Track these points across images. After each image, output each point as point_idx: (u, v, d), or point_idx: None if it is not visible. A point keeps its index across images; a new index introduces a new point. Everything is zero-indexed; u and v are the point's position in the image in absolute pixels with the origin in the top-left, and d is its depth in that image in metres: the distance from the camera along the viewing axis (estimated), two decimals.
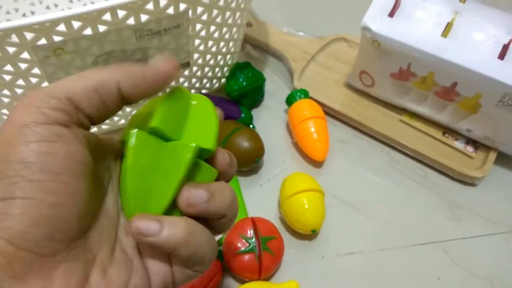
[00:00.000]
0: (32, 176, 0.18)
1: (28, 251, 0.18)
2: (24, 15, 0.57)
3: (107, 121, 0.50)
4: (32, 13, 0.58)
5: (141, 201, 0.23)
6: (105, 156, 0.23)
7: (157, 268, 0.23)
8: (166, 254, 0.23)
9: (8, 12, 0.57)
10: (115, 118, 0.50)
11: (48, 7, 0.58)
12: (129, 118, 0.26)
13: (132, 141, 0.22)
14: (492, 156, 0.50)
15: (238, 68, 0.53)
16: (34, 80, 0.40)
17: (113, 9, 0.36)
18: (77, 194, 0.19)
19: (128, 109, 0.50)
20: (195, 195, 0.23)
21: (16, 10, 0.57)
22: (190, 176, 0.24)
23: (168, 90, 0.24)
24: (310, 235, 0.46)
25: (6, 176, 0.18)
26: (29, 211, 0.18)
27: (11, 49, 0.36)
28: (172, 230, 0.21)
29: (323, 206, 0.45)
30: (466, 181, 0.50)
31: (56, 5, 0.59)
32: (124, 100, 0.22)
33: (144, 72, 0.22)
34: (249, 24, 0.62)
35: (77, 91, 0.20)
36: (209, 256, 0.23)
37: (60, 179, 0.19)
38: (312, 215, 0.43)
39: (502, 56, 0.43)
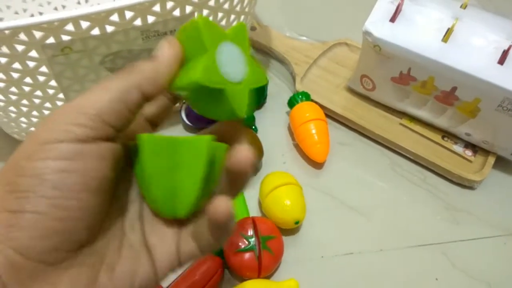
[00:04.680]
0: (45, 192, 0.18)
1: (34, 260, 0.18)
2: (32, 15, 0.58)
3: None
4: (40, 13, 0.59)
5: (169, 202, 0.23)
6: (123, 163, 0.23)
7: (164, 256, 0.23)
8: (174, 241, 0.23)
9: (16, 13, 0.58)
10: None
11: (56, 8, 0.59)
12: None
13: (144, 146, 0.22)
14: (491, 160, 0.51)
15: None
16: (41, 78, 0.41)
17: (121, 10, 0.37)
18: (88, 209, 0.20)
19: None
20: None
21: (25, 10, 0.58)
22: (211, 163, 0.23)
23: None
24: (308, 234, 0.46)
25: (19, 190, 0.19)
26: (36, 225, 0.18)
27: (20, 47, 0.37)
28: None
29: (303, 198, 0.46)
30: (465, 184, 0.50)
31: (64, 6, 0.60)
32: (146, 100, 0.22)
33: (157, 67, 0.22)
34: (253, 28, 0.63)
35: (104, 105, 0.20)
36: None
37: (72, 196, 0.19)
38: (293, 206, 0.44)
39: (502, 61, 0.44)
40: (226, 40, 0.23)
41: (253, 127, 0.54)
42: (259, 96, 0.55)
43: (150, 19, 0.40)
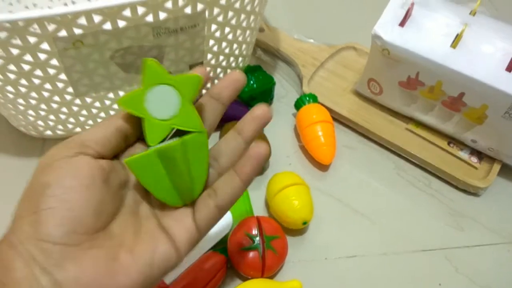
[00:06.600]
0: (52, 192, 0.25)
1: (59, 244, 0.24)
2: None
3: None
4: (50, 8, 0.59)
5: (175, 196, 0.28)
6: (119, 171, 0.29)
7: (181, 231, 0.28)
8: (190, 215, 0.28)
9: (26, 7, 0.58)
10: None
11: (65, 4, 0.60)
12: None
13: (131, 169, 0.27)
14: (496, 167, 0.51)
15: (249, 71, 0.54)
16: (51, 71, 0.41)
17: (133, 5, 0.37)
18: (89, 199, 0.25)
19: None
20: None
21: (35, 5, 0.58)
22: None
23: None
24: (312, 235, 0.46)
25: (33, 196, 0.25)
26: (52, 217, 0.24)
27: (32, 39, 0.37)
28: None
29: (311, 199, 0.46)
30: (470, 190, 0.50)
31: (73, 2, 0.60)
32: (124, 134, 0.28)
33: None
34: (261, 30, 0.64)
35: (88, 137, 0.27)
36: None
37: (71, 191, 0.25)
38: (302, 206, 0.44)
39: (510, 68, 0.44)
40: (165, 84, 0.27)
41: None
42: (266, 97, 0.55)
43: (162, 15, 0.40)
